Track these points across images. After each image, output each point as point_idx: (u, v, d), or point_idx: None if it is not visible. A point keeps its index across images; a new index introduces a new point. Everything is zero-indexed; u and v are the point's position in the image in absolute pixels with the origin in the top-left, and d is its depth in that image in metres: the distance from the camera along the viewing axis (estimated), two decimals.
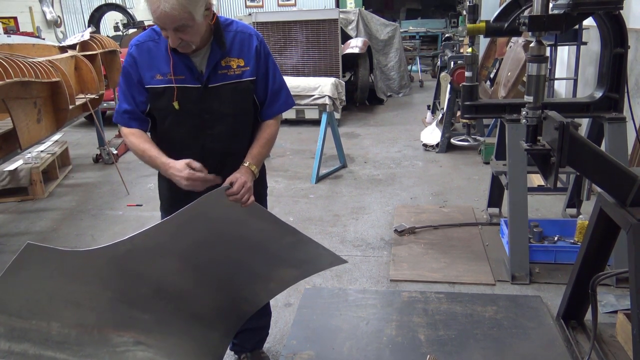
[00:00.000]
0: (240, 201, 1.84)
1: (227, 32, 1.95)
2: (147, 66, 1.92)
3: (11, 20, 10.39)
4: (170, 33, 1.77)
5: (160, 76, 1.90)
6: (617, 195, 2.15)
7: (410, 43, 12.23)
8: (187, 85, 1.91)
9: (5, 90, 3.45)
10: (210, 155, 1.99)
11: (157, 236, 1.74)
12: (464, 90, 3.24)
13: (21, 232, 4.33)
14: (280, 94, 2.08)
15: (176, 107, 1.91)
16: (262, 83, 2.03)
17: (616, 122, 3.05)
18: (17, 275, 1.49)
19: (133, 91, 1.94)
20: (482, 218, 4.14)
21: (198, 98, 1.93)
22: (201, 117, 1.96)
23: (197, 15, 1.75)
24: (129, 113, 1.95)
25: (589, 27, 4.77)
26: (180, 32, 1.76)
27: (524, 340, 2.66)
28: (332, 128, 5.52)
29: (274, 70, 2.06)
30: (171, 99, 1.90)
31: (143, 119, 1.98)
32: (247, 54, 1.97)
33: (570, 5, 2.23)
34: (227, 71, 1.94)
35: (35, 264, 1.51)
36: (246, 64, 1.97)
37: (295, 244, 2.11)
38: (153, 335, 1.90)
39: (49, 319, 1.63)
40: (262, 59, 2.01)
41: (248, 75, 1.98)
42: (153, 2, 1.70)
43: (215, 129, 1.98)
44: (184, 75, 1.90)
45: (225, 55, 1.94)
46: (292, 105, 2.14)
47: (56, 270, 1.58)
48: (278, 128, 2.12)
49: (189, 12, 1.71)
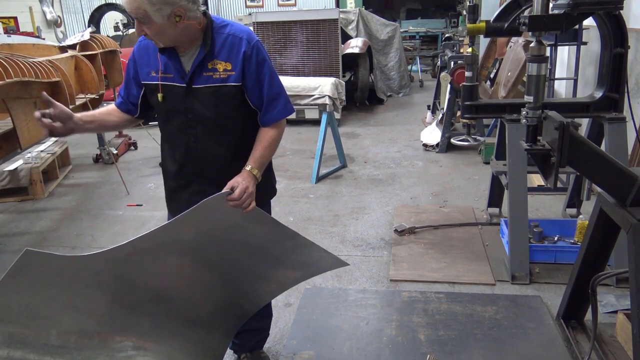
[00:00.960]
0: (241, 207, 1.83)
1: (219, 35, 1.93)
2: (144, 63, 2.01)
3: (11, 20, 10.40)
4: (136, 22, 1.82)
5: (154, 73, 1.98)
6: (617, 195, 2.15)
7: (411, 43, 12.23)
8: (174, 84, 1.96)
9: (5, 90, 3.45)
10: (193, 155, 2.04)
11: (156, 240, 1.73)
12: (464, 90, 3.24)
13: (21, 232, 4.33)
14: (278, 100, 2.03)
15: (159, 99, 1.99)
16: (255, 89, 1.98)
17: (616, 122, 3.05)
18: (15, 281, 1.49)
19: (129, 84, 2.08)
20: (482, 218, 4.14)
21: (183, 97, 1.96)
22: (186, 116, 1.99)
23: (154, 17, 1.76)
24: (121, 97, 2.13)
25: (589, 27, 4.77)
26: (143, 24, 1.81)
27: (524, 340, 2.66)
28: (332, 128, 5.52)
29: (270, 77, 1.99)
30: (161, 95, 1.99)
31: (133, 106, 2.10)
32: (234, 58, 1.93)
33: (570, 5, 2.22)
34: (213, 74, 1.93)
35: (33, 269, 1.51)
36: (233, 69, 1.93)
37: (296, 248, 2.11)
38: (152, 339, 1.90)
39: (48, 325, 1.63)
40: (253, 64, 1.95)
41: (233, 80, 1.93)
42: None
43: (197, 129, 2.00)
44: (172, 73, 1.95)
45: (213, 58, 1.92)
46: (291, 112, 2.10)
47: (55, 275, 1.57)
48: (281, 132, 2.07)
49: (143, 10, 1.74)
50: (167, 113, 2.03)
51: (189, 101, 1.96)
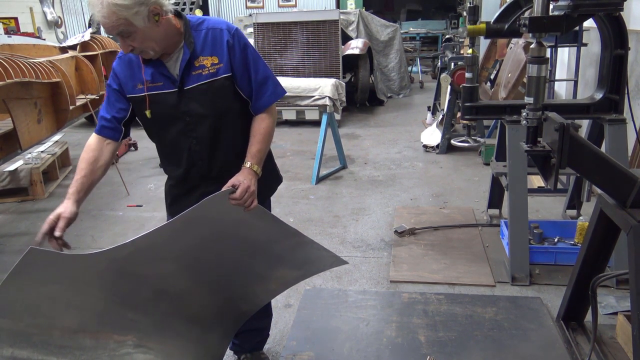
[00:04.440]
0: (243, 206, 1.82)
1: (198, 32, 1.93)
2: (128, 77, 1.94)
3: (12, 20, 10.41)
4: (119, 40, 1.78)
5: (140, 85, 1.92)
6: (617, 196, 2.15)
7: (411, 44, 12.24)
8: (165, 92, 1.91)
9: (5, 90, 3.46)
10: (198, 157, 2.01)
11: (158, 239, 1.73)
12: (464, 91, 3.24)
13: (21, 232, 4.33)
14: (266, 84, 2.01)
15: (148, 115, 1.94)
16: (244, 77, 1.97)
17: (616, 123, 3.05)
18: (20, 279, 1.49)
19: (113, 99, 1.98)
20: (482, 219, 4.14)
21: (177, 102, 1.92)
22: (184, 121, 1.96)
23: (135, 21, 1.72)
24: (104, 120, 1.99)
25: (590, 29, 4.77)
26: (127, 38, 1.76)
27: (524, 342, 2.65)
28: (333, 129, 5.52)
29: (254, 61, 1.98)
30: (152, 107, 1.93)
31: (116, 128, 1.99)
32: (219, 50, 1.93)
33: (571, 6, 2.22)
34: (202, 71, 1.91)
35: (38, 268, 1.51)
36: (220, 61, 1.92)
37: (296, 246, 2.10)
38: (153, 338, 1.90)
39: (51, 324, 1.63)
40: (238, 51, 1.94)
41: (222, 72, 1.93)
42: (92, 11, 1.74)
43: (198, 130, 1.97)
44: (161, 81, 1.91)
45: (198, 55, 1.91)
46: (283, 94, 2.07)
47: (59, 274, 1.57)
48: (273, 121, 2.06)
49: (124, 18, 1.70)
50: (161, 122, 1.97)
51: (185, 104, 1.93)
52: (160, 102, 1.93)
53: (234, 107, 2.00)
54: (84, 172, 1.93)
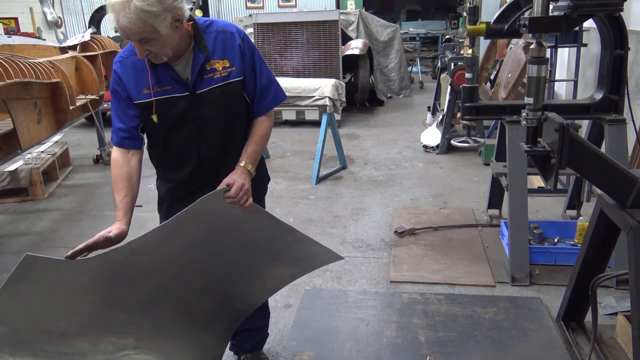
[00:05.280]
0: (238, 204, 1.83)
1: (208, 34, 1.91)
2: (133, 82, 1.88)
3: (12, 20, 10.41)
4: (136, 45, 1.74)
5: (147, 90, 1.87)
6: (617, 196, 2.15)
7: (411, 44, 12.23)
8: (175, 95, 1.88)
9: (5, 90, 3.46)
10: (206, 160, 2.01)
11: (154, 241, 1.73)
12: (464, 91, 3.24)
13: (21, 232, 4.33)
14: (269, 89, 2.03)
15: (155, 120, 1.90)
16: (252, 80, 1.98)
17: (616, 123, 3.05)
18: (16, 287, 1.49)
19: (124, 107, 1.92)
20: (482, 219, 4.14)
21: (188, 106, 1.90)
22: (195, 124, 1.94)
23: (160, 28, 1.69)
24: (121, 131, 1.93)
25: (589, 29, 4.77)
26: (146, 43, 1.72)
27: (524, 342, 2.65)
28: (333, 129, 5.52)
29: (260, 66, 2.00)
30: (160, 111, 1.89)
31: (136, 136, 1.95)
32: (230, 53, 1.92)
33: (571, 6, 2.23)
34: (213, 74, 1.90)
35: (34, 275, 1.51)
36: (232, 64, 1.92)
37: (292, 243, 2.10)
38: (152, 340, 1.90)
39: (49, 330, 1.63)
40: (248, 56, 1.95)
41: (235, 75, 1.93)
42: (114, 14, 1.66)
43: (209, 134, 1.97)
44: (170, 85, 1.88)
45: (209, 59, 1.89)
46: (283, 99, 2.08)
47: (55, 280, 1.57)
48: (271, 124, 2.08)
49: (150, 25, 1.66)
50: (169, 125, 1.94)
51: (197, 108, 1.91)
52: (169, 106, 1.90)
53: (242, 110, 2.02)
54: (124, 192, 1.90)
